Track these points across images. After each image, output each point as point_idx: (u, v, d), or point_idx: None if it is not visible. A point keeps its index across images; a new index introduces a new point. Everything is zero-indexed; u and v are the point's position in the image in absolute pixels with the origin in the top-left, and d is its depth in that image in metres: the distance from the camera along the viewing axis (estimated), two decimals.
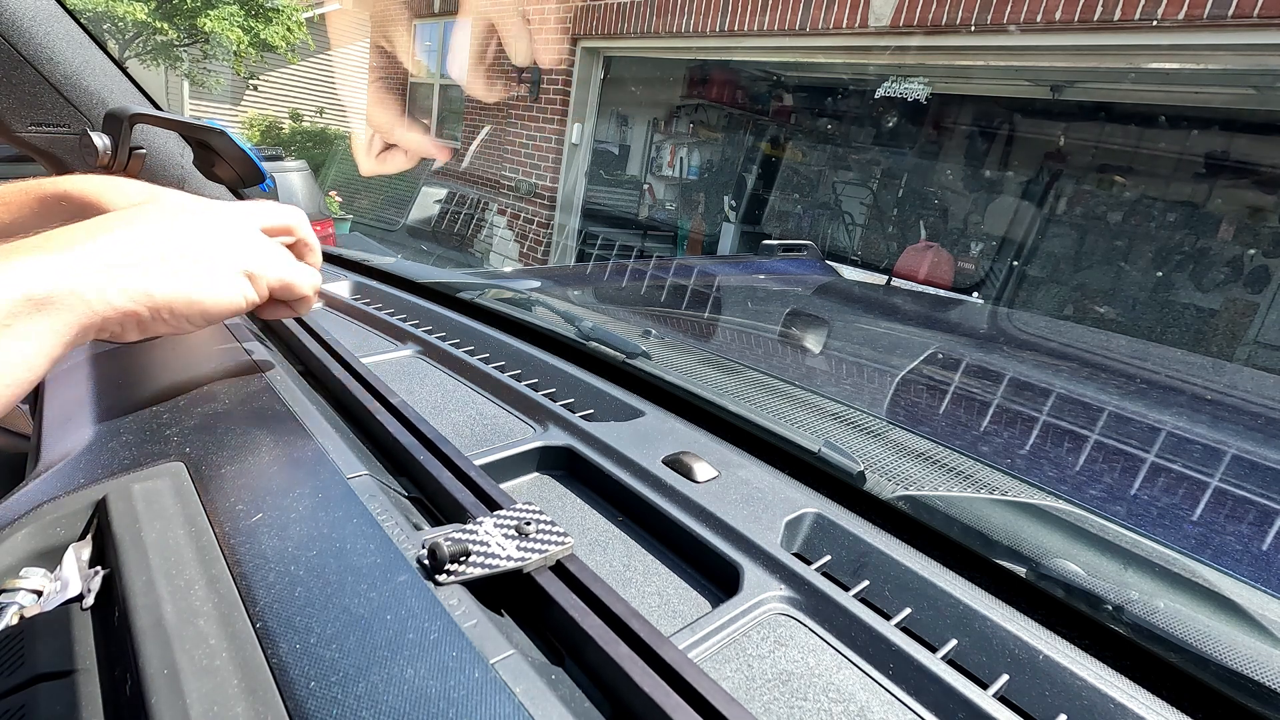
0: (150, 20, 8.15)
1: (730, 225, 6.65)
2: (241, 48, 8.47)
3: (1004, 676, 0.34)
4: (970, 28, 3.52)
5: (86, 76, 0.84)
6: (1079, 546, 0.47)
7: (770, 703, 0.32)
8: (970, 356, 1.53)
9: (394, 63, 9.32)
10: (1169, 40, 3.00)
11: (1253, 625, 0.40)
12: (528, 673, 0.29)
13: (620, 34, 5.35)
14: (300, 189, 4.92)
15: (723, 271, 2.19)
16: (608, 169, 6.83)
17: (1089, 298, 5.27)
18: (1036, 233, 5.53)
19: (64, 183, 0.68)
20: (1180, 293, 4.99)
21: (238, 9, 8.40)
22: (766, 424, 0.56)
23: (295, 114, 10.68)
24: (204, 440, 0.44)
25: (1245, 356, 4.63)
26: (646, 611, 0.37)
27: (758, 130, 6.99)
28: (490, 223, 6.63)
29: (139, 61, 8.84)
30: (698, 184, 7.12)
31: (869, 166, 6.62)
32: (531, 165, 6.21)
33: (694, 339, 1.43)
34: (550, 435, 0.52)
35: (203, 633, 0.29)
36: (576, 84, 5.79)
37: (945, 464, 0.62)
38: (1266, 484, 0.99)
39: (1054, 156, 5.54)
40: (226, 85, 10.13)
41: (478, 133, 7.27)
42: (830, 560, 0.42)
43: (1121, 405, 1.22)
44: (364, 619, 0.30)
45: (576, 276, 2.10)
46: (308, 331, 0.65)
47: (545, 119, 6.00)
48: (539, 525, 0.37)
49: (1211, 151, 4.79)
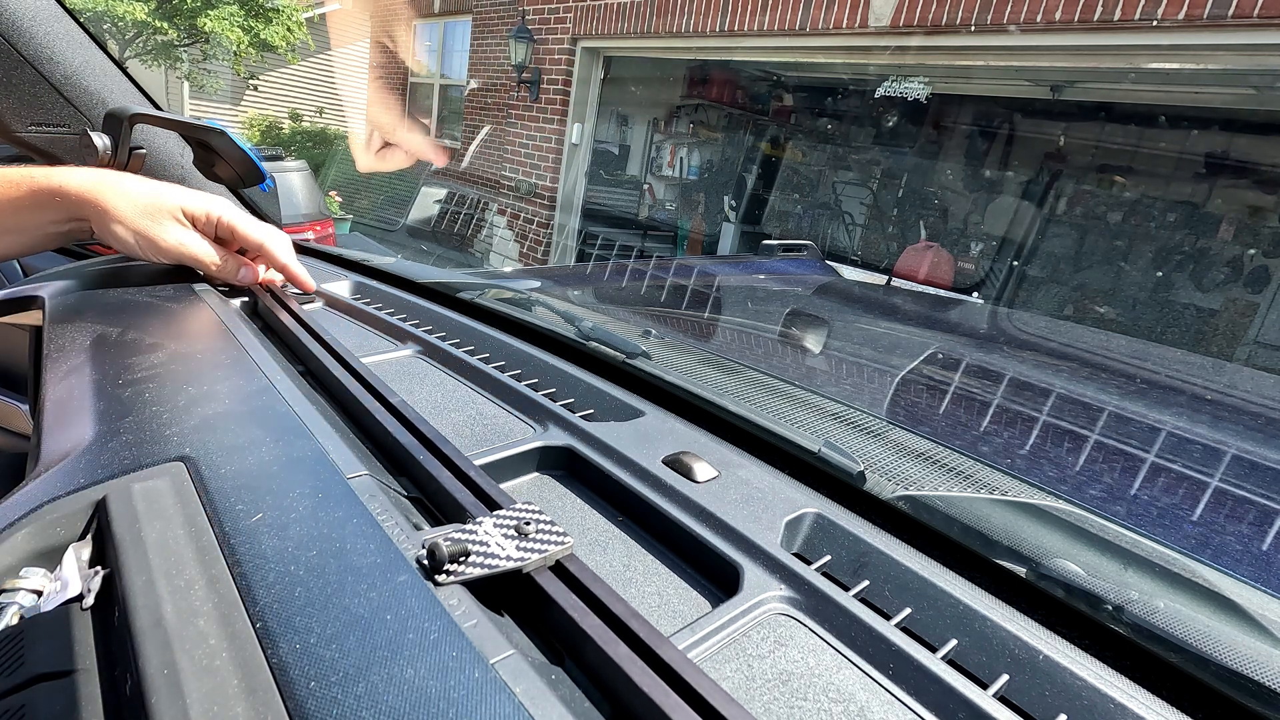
0: (150, 20, 8.16)
1: (730, 225, 6.65)
2: (241, 48, 8.48)
3: (1004, 676, 0.34)
4: (970, 28, 3.52)
5: (86, 76, 0.84)
6: (1079, 546, 0.47)
7: (770, 703, 0.32)
8: (970, 356, 1.53)
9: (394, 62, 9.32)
10: (1169, 40, 3.00)
11: (1253, 625, 0.40)
12: (528, 673, 0.29)
13: (620, 34, 5.35)
14: (300, 189, 4.92)
15: (723, 271, 2.19)
16: (608, 169, 6.83)
17: (1089, 298, 5.27)
18: (1036, 233, 5.53)
19: (59, 177, 0.66)
20: (1180, 293, 4.99)
21: (238, 9, 8.40)
22: (766, 424, 0.56)
23: (295, 114, 10.69)
24: (204, 440, 0.44)
25: (1245, 356, 4.63)
26: (646, 611, 0.37)
27: (758, 130, 6.99)
28: (490, 223, 6.63)
29: (139, 61, 8.85)
30: (698, 184, 7.13)
31: (869, 166, 6.62)
32: (531, 165, 6.22)
33: (694, 339, 1.43)
34: (550, 435, 0.52)
35: (203, 633, 0.29)
36: (576, 84, 5.79)
37: (945, 464, 0.62)
38: (1266, 484, 0.99)
39: (1054, 156, 5.54)
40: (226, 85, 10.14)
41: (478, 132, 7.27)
42: (830, 560, 0.42)
43: (1121, 405, 1.22)
44: (364, 619, 0.30)
45: (576, 276, 2.10)
46: (308, 331, 0.65)
47: (545, 119, 6.00)
48: (538, 525, 0.37)
49: (1211, 151, 4.80)
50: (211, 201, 0.74)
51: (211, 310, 0.71)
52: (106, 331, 0.64)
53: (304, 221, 4.80)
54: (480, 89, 7.44)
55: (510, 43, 6.01)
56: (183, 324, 0.67)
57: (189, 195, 0.73)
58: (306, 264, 1.02)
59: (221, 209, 0.74)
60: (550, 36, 5.86)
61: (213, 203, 0.74)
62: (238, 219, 0.75)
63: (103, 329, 0.64)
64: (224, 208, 0.75)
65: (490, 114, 7.17)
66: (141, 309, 0.70)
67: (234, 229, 0.75)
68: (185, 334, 0.63)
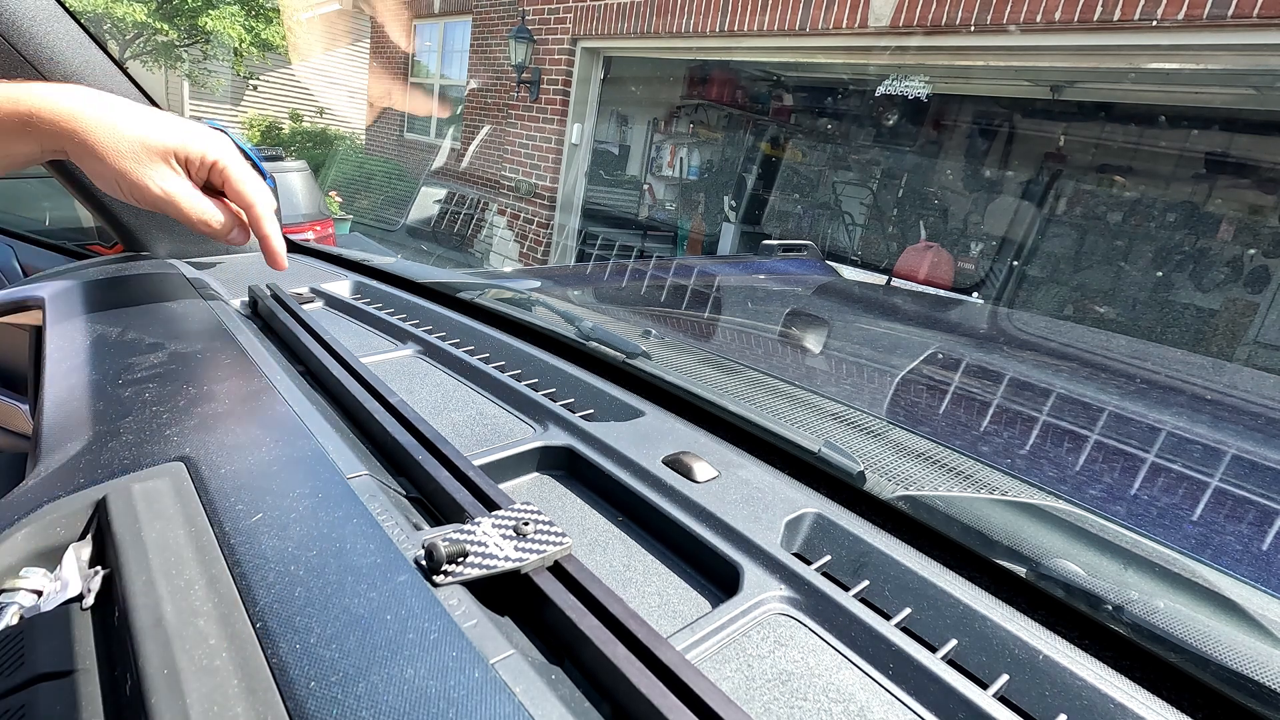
0: (150, 20, 8.16)
1: (730, 225, 6.65)
2: (243, 46, 8.48)
3: (1004, 676, 0.34)
4: (970, 28, 3.52)
5: (86, 76, 0.83)
6: (1079, 546, 0.47)
7: (770, 702, 0.32)
8: (970, 356, 1.53)
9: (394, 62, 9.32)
10: (1169, 40, 3.00)
11: (1253, 625, 0.40)
12: (528, 673, 0.29)
13: (620, 34, 5.35)
14: (300, 189, 4.92)
15: (723, 271, 2.19)
16: (608, 169, 6.83)
17: (1089, 298, 5.27)
18: (1036, 233, 5.53)
19: (33, 98, 0.56)
20: (1180, 293, 4.99)
21: (238, 9, 8.41)
22: (766, 424, 0.56)
23: (295, 114, 10.69)
24: (204, 440, 0.44)
25: (1245, 356, 4.63)
26: (646, 611, 0.37)
27: (758, 130, 6.99)
28: (490, 223, 6.63)
29: (139, 62, 8.85)
30: (698, 184, 7.12)
31: (869, 166, 6.62)
32: (531, 165, 6.21)
33: (694, 339, 1.43)
34: (550, 435, 0.52)
35: (203, 633, 0.29)
36: (576, 84, 5.79)
37: (945, 464, 0.62)
38: (1266, 484, 0.99)
39: (1054, 156, 5.54)
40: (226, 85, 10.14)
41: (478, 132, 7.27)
42: (830, 560, 0.42)
43: (1121, 405, 1.22)
44: (364, 619, 0.30)
45: (576, 276, 2.10)
46: (308, 331, 0.65)
47: (545, 119, 6.00)
48: (537, 525, 0.37)
49: (1211, 151, 4.79)
50: (210, 142, 0.64)
51: (211, 310, 0.71)
52: (106, 331, 0.64)
53: (304, 221, 4.80)
54: (480, 89, 7.44)
55: (510, 43, 6.01)
56: (183, 324, 0.67)
57: (186, 134, 0.63)
58: (307, 263, 1.02)
59: (219, 151, 0.65)
60: (550, 37, 5.86)
61: (210, 143, 0.64)
62: (233, 168, 0.65)
63: (103, 329, 0.64)
64: (222, 150, 0.65)
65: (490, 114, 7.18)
66: (141, 309, 0.70)
67: (226, 179, 0.65)
68: (185, 334, 0.63)
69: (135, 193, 0.61)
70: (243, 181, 0.65)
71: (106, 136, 0.58)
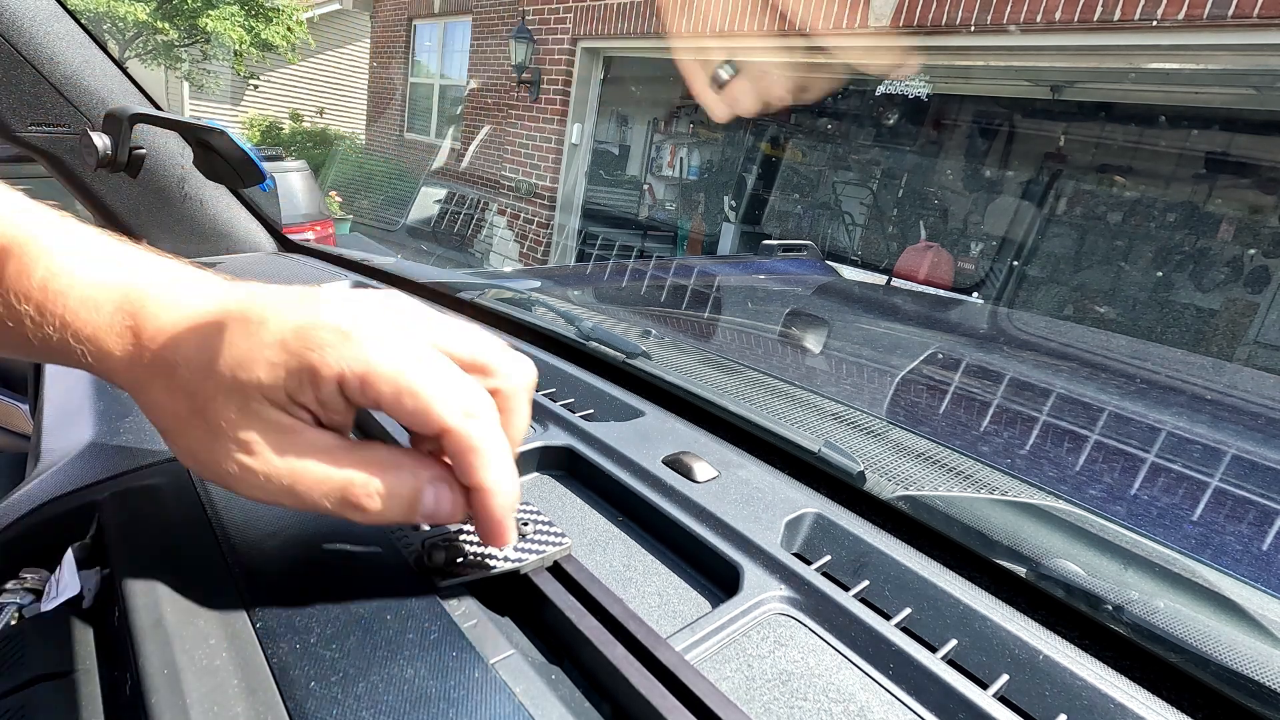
0: (150, 20, 8.17)
1: (730, 225, 6.64)
2: (243, 46, 8.49)
3: (1004, 676, 0.34)
4: (970, 28, 3.52)
5: (86, 76, 0.84)
6: (1079, 546, 0.47)
7: (770, 703, 0.32)
8: (970, 356, 1.53)
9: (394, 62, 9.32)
10: (1169, 40, 3.00)
11: (1253, 625, 0.40)
12: (528, 673, 0.29)
13: (620, 34, 5.35)
14: (300, 189, 4.92)
15: (723, 271, 2.19)
16: (608, 169, 6.83)
17: (1089, 298, 5.27)
18: (1036, 233, 5.53)
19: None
20: (1180, 293, 4.99)
21: (238, 9, 8.41)
22: (766, 424, 0.56)
23: (295, 114, 10.69)
24: None
25: (1245, 356, 4.63)
26: (646, 611, 0.37)
27: (757, 130, 6.99)
28: (490, 223, 6.63)
29: (139, 61, 8.85)
30: (698, 184, 7.12)
31: (869, 166, 6.62)
32: (531, 165, 6.22)
33: (694, 339, 1.43)
34: (550, 435, 0.52)
35: (203, 633, 0.29)
36: (576, 84, 5.79)
37: (945, 464, 0.62)
38: (1266, 484, 0.99)
39: (1054, 156, 5.54)
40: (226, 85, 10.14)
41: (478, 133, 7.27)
42: (830, 560, 0.42)
43: (1121, 405, 1.22)
44: (364, 619, 0.30)
45: (576, 276, 2.10)
46: None
47: (545, 119, 6.00)
48: (536, 526, 0.37)
49: (1211, 151, 4.79)
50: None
51: None
52: None
53: (304, 221, 4.80)
54: (480, 89, 7.44)
55: (510, 43, 6.02)
56: None
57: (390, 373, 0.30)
58: (307, 263, 1.02)
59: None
60: (550, 37, 5.86)
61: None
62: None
63: None
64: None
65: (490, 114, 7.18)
66: None
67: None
68: None
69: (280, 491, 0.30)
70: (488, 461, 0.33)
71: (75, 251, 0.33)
